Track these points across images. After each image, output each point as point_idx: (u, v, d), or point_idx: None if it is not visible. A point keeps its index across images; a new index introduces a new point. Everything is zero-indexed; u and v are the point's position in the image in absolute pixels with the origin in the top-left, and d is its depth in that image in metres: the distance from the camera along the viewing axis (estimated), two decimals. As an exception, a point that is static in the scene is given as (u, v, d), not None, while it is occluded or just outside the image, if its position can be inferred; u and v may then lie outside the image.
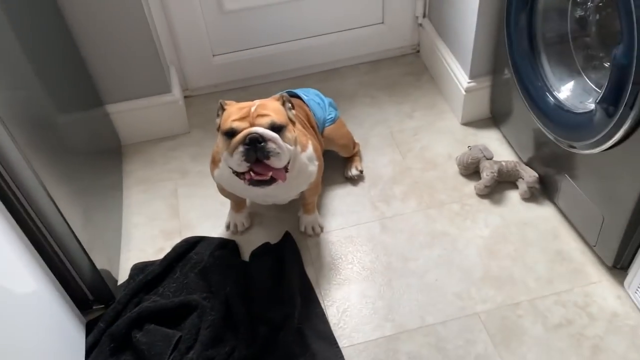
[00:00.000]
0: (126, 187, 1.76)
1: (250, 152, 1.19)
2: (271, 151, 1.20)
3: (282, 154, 1.21)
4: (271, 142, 1.20)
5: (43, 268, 1.24)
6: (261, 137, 1.19)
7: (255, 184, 1.23)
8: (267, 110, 1.24)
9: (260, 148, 1.19)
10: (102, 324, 1.36)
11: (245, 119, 1.23)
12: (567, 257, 1.47)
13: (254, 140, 1.19)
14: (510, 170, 1.62)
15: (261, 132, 1.19)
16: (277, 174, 1.23)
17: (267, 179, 1.22)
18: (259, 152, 1.19)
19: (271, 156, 1.20)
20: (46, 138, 1.26)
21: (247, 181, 1.24)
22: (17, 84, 1.17)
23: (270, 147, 1.20)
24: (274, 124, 1.22)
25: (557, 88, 1.42)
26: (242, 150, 1.20)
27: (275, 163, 1.21)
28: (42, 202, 1.18)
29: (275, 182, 1.24)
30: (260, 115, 1.23)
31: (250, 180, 1.23)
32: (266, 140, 1.19)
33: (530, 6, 1.42)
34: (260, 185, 1.23)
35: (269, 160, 1.20)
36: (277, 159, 1.21)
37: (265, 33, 1.96)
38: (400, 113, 1.93)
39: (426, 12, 2.03)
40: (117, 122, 1.83)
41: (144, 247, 1.58)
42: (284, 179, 1.25)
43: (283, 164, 1.24)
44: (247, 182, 1.24)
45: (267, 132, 1.20)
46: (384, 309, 1.40)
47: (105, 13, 1.59)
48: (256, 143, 1.19)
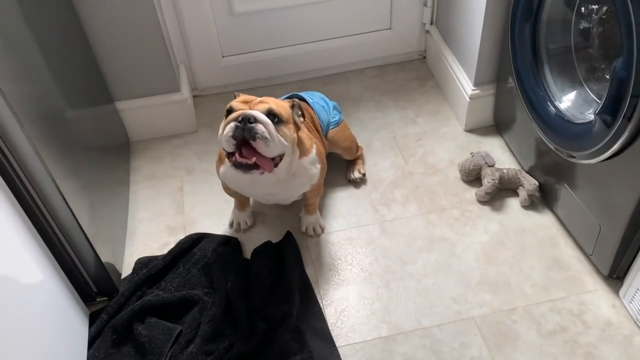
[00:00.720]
0: (133, 182, 1.79)
1: (239, 129, 1.20)
2: (259, 133, 1.20)
3: (270, 141, 1.21)
4: (261, 125, 1.21)
5: (50, 259, 1.27)
6: (253, 117, 1.20)
7: (238, 166, 1.23)
8: (270, 101, 1.28)
9: (248, 128, 1.20)
10: (105, 316, 1.39)
11: (247, 103, 1.27)
12: (563, 265, 1.49)
13: (245, 119, 1.20)
14: (512, 178, 1.64)
15: (254, 114, 1.21)
16: (262, 161, 1.23)
17: (251, 163, 1.22)
18: (246, 131, 1.20)
19: (257, 138, 1.20)
20: (57, 132, 1.29)
21: (231, 163, 1.24)
22: (31, 78, 1.21)
23: (259, 129, 1.20)
24: (271, 110, 1.24)
25: (559, 98, 1.44)
26: (233, 126, 1.21)
27: (261, 147, 1.21)
28: (50, 195, 1.21)
29: (257, 170, 1.23)
30: (262, 102, 1.26)
31: (234, 162, 1.23)
32: (257, 122, 1.21)
33: (534, 17, 1.44)
34: (242, 169, 1.23)
35: (255, 142, 1.20)
36: (264, 144, 1.21)
37: (274, 36, 2.00)
38: (404, 118, 1.95)
39: (433, 19, 2.06)
40: (126, 118, 1.87)
41: (148, 242, 1.61)
42: (270, 170, 1.25)
43: (271, 154, 1.24)
44: (232, 164, 1.24)
45: (260, 115, 1.22)
46: (381, 310, 1.42)
47: (118, 12, 1.63)
48: (247, 122, 1.20)
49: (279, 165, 1.29)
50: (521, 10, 1.46)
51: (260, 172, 1.25)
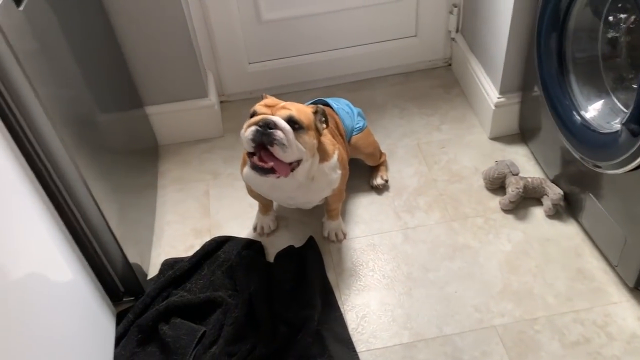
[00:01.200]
0: (161, 186, 1.84)
1: (258, 133, 1.24)
2: (277, 139, 1.24)
3: (288, 148, 1.25)
4: (280, 132, 1.24)
5: (80, 259, 1.31)
6: (274, 123, 1.24)
7: (254, 168, 1.27)
8: (292, 107, 1.30)
9: (268, 133, 1.23)
10: (131, 316, 1.43)
11: (270, 107, 1.29)
12: (588, 275, 1.47)
13: (266, 124, 1.24)
14: (536, 187, 1.63)
15: (275, 120, 1.24)
16: (279, 166, 1.26)
17: (267, 167, 1.26)
18: (265, 136, 1.24)
19: (275, 144, 1.24)
20: (88, 136, 1.33)
21: (251, 165, 1.28)
22: (64, 83, 1.25)
23: (278, 135, 1.24)
24: (291, 117, 1.27)
25: (585, 107, 1.43)
26: (253, 129, 1.25)
27: (278, 152, 1.25)
28: (82, 197, 1.25)
29: (273, 174, 1.27)
30: (284, 108, 1.29)
31: (253, 164, 1.27)
32: (277, 128, 1.24)
33: (561, 26, 1.43)
34: (259, 171, 1.27)
35: (272, 147, 1.24)
36: (281, 150, 1.24)
37: (300, 43, 2.02)
38: (428, 125, 1.95)
39: (459, 27, 2.06)
40: (155, 123, 1.91)
41: (174, 244, 1.65)
42: (286, 174, 1.28)
43: (288, 159, 1.27)
44: (251, 165, 1.28)
45: (280, 122, 1.25)
46: (402, 317, 1.43)
47: (149, 20, 1.68)
48: (267, 127, 1.24)
49: (295, 170, 1.32)
50: (548, 18, 1.45)
51: (276, 176, 1.28)
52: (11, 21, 1.01)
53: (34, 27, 1.11)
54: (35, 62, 1.09)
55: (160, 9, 1.66)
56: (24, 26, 1.07)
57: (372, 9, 1.98)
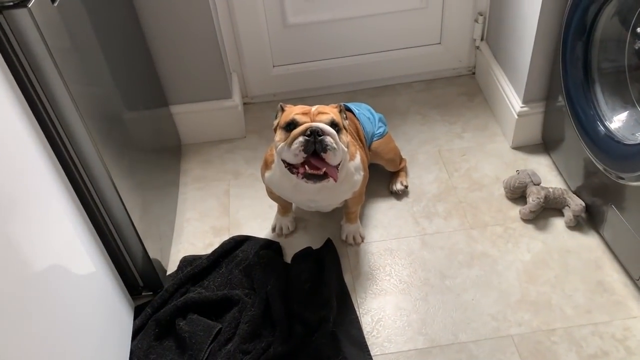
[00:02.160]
0: (182, 183, 1.86)
1: (310, 143, 1.25)
2: (329, 145, 1.25)
3: (337, 151, 1.27)
4: (329, 137, 1.26)
5: (102, 252, 1.34)
6: (321, 130, 1.25)
7: (308, 177, 1.28)
8: (327, 110, 1.32)
9: (319, 141, 1.25)
10: (150, 310, 1.45)
11: (306, 114, 1.31)
12: (608, 288, 1.45)
13: (314, 132, 1.25)
14: (557, 198, 1.62)
15: (322, 127, 1.26)
16: (330, 170, 1.28)
17: (321, 173, 1.27)
18: (317, 144, 1.25)
19: (328, 150, 1.25)
20: (115, 133, 1.36)
21: (300, 175, 1.28)
22: (94, 80, 1.28)
23: (329, 141, 1.25)
24: (333, 121, 1.30)
25: (609, 118, 1.42)
26: (302, 140, 1.25)
27: (330, 158, 1.26)
28: (107, 191, 1.28)
29: (326, 179, 1.28)
30: (322, 112, 1.31)
31: (304, 173, 1.27)
32: (325, 134, 1.25)
33: (587, 36, 1.43)
34: (313, 179, 1.28)
35: (325, 153, 1.25)
36: (333, 154, 1.26)
37: (324, 47, 2.04)
38: (450, 132, 1.95)
39: (484, 35, 2.05)
40: (180, 122, 1.95)
41: (194, 241, 1.67)
42: (336, 178, 1.29)
43: (337, 162, 1.29)
44: (301, 175, 1.28)
45: (327, 127, 1.27)
46: (417, 322, 1.43)
47: (177, 21, 1.71)
48: (316, 135, 1.25)
49: (339, 170, 1.33)
50: (574, 28, 1.45)
51: (327, 181, 1.29)
52: (46, 17, 1.04)
53: (67, 23, 1.15)
54: (68, 59, 1.13)
55: (188, 10, 1.69)
56: (58, 22, 1.11)
57: (397, 16, 1.99)
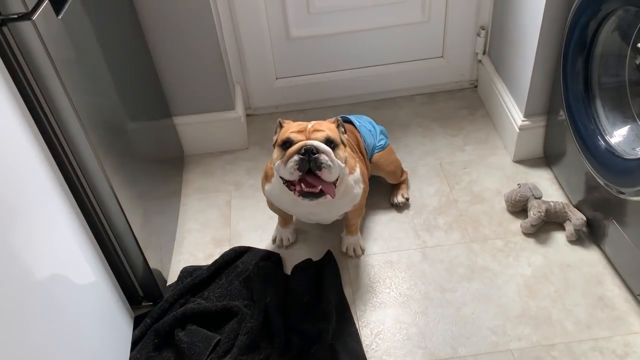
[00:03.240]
0: (184, 194, 1.87)
1: (304, 161, 1.26)
2: (323, 163, 1.26)
3: (333, 168, 1.27)
4: (324, 155, 1.27)
5: (102, 262, 1.34)
6: (315, 149, 1.26)
7: (305, 195, 1.29)
8: (323, 127, 1.33)
9: (313, 159, 1.26)
10: (149, 320, 1.45)
11: (302, 132, 1.31)
12: (609, 303, 1.44)
13: (309, 151, 1.26)
14: (558, 212, 1.62)
15: (316, 145, 1.27)
16: (326, 187, 1.28)
17: (317, 191, 1.28)
18: (312, 162, 1.26)
19: (323, 168, 1.26)
20: (117, 143, 1.37)
21: (297, 192, 1.29)
22: (97, 91, 1.30)
23: (323, 159, 1.26)
24: (328, 138, 1.30)
25: (610, 132, 1.42)
26: (297, 159, 1.26)
27: (326, 175, 1.27)
28: (108, 201, 1.29)
29: (323, 196, 1.29)
30: (317, 130, 1.31)
31: (300, 191, 1.28)
32: (320, 152, 1.26)
33: (587, 51, 1.43)
34: (309, 197, 1.29)
35: (320, 171, 1.26)
36: (328, 172, 1.27)
37: (327, 60, 2.05)
38: (452, 145, 1.96)
39: (486, 49, 2.06)
40: (182, 133, 1.96)
41: (194, 252, 1.68)
42: (333, 194, 1.30)
43: (333, 178, 1.29)
44: (297, 193, 1.29)
45: (321, 145, 1.27)
46: (417, 336, 1.42)
47: (181, 32, 1.73)
48: (310, 154, 1.26)
49: (336, 185, 1.33)
50: (574, 43, 1.45)
51: (324, 198, 1.30)
52: (50, 30, 1.06)
53: (72, 35, 1.16)
54: (71, 70, 1.14)
55: (192, 22, 1.71)
56: (62, 34, 1.12)
57: (399, 29, 2.01)
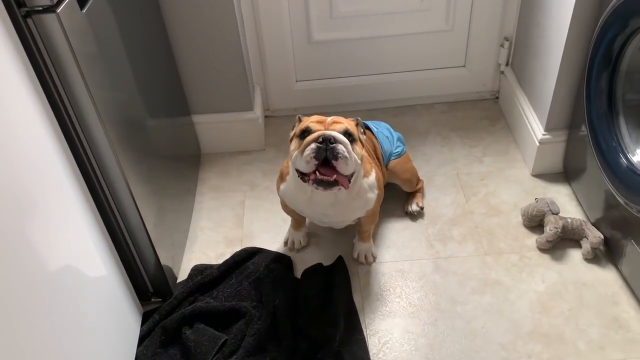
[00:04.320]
0: (199, 192, 1.88)
1: (321, 150, 1.25)
2: (340, 153, 1.25)
3: (349, 160, 1.27)
4: (341, 146, 1.26)
5: (114, 256, 1.35)
6: (333, 138, 1.26)
7: (319, 183, 1.28)
8: (342, 121, 1.33)
9: (330, 148, 1.25)
10: (157, 316, 1.46)
11: (321, 123, 1.32)
12: (624, 325, 1.41)
13: (327, 140, 1.25)
14: (575, 229, 1.59)
15: (334, 134, 1.26)
16: (341, 179, 1.28)
17: (332, 180, 1.27)
18: (329, 151, 1.25)
19: (339, 158, 1.25)
20: (135, 139, 1.38)
21: (311, 181, 1.28)
22: (118, 86, 1.31)
23: (340, 149, 1.26)
24: (347, 130, 1.30)
25: (632, 151, 1.39)
26: (314, 147, 1.26)
27: (341, 166, 1.26)
28: (123, 197, 1.30)
29: (337, 186, 1.28)
30: (336, 122, 1.32)
31: (314, 179, 1.28)
32: (337, 142, 1.26)
33: (612, 67, 1.41)
34: (323, 185, 1.28)
35: (337, 161, 1.25)
36: (344, 163, 1.26)
37: (348, 65, 2.05)
38: (470, 156, 1.94)
39: (509, 60, 2.04)
40: (200, 132, 1.97)
41: (206, 251, 1.68)
42: (347, 186, 1.30)
43: (349, 172, 1.29)
44: (312, 181, 1.28)
45: (339, 136, 1.27)
46: (425, 347, 1.41)
47: (204, 32, 1.74)
48: (328, 143, 1.25)
49: (351, 181, 1.33)
50: (600, 58, 1.43)
51: (338, 189, 1.29)
52: (74, 23, 1.07)
53: (95, 29, 1.17)
54: (93, 64, 1.15)
55: (215, 22, 1.72)
56: (86, 29, 1.13)
57: (422, 37, 1.99)
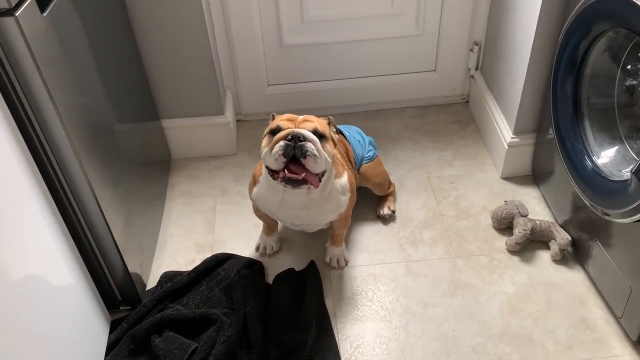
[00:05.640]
0: (169, 198, 1.85)
1: (289, 147, 1.25)
2: (309, 151, 1.25)
3: (318, 158, 1.26)
4: (310, 144, 1.25)
5: (80, 264, 1.32)
6: (302, 136, 1.25)
7: (287, 181, 1.27)
8: (313, 119, 1.32)
9: (299, 146, 1.25)
10: (126, 325, 1.43)
11: (292, 121, 1.31)
12: (591, 325, 1.44)
13: (295, 137, 1.25)
14: (544, 230, 1.61)
15: (303, 132, 1.26)
16: (310, 177, 1.27)
17: (300, 178, 1.26)
18: (297, 149, 1.25)
19: (308, 156, 1.25)
20: (102, 144, 1.35)
21: (280, 179, 1.27)
22: (83, 91, 1.28)
23: (309, 147, 1.25)
24: (316, 129, 1.29)
25: (597, 153, 1.42)
26: (283, 144, 1.25)
27: (310, 164, 1.26)
28: (87, 202, 1.27)
29: (306, 185, 1.27)
30: (307, 120, 1.31)
31: (283, 177, 1.27)
32: (306, 140, 1.25)
33: (577, 71, 1.43)
34: (291, 184, 1.27)
35: (305, 159, 1.25)
36: (313, 161, 1.26)
37: (320, 69, 2.05)
38: (441, 160, 1.95)
39: (479, 64, 2.07)
40: (170, 136, 1.94)
41: (176, 257, 1.65)
42: (317, 185, 1.29)
43: (318, 170, 1.28)
44: (280, 179, 1.27)
45: (308, 134, 1.26)
46: (397, 350, 1.41)
47: (172, 35, 1.72)
48: (297, 140, 1.25)
49: (321, 180, 1.32)
50: (564, 62, 1.45)
51: (307, 187, 1.29)
52: (34, 27, 1.04)
53: (58, 33, 1.15)
54: (56, 69, 1.12)
55: (183, 25, 1.70)
56: (47, 32, 1.10)
57: (393, 42, 2.00)
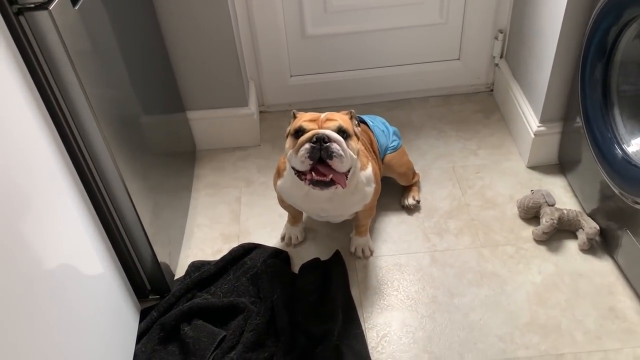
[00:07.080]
0: (195, 189, 1.87)
1: (315, 150, 1.24)
2: (335, 152, 1.25)
3: (344, 158, 1.26)
4: (335, 144, 1.25)
5: (111, 254, 1.34)
6: (327, 137, 1.25)
7: (315, 183, 1.27)
8: (335, 117, 1.32)
9: (325, 148, 1.24)
10: (155, 313, 1.45)
11: (314, 121, 1.31)
12: (620, 315, 1.42)
13: (320, 139, 1.24)
14: (571, 220, 1.59)
15: (327, 133, 1.25)
16: (337, 177, 1.27)
17: (327, 180, 1.26)
18: (323, 151, 1.24)
19: (334, 157, 1.25)
20: (130, 136, 1.37)
21: (307, 181, 1.27)
22: (112, 83, 1.30)
23: (335, 148, 1.25)
24: (340, 127, 1.29)
25: (627, 141, 1.40)
26: (308, 147, 1.25)
27: (337, 165, 1.26)
28: (118, 194, 1.29)
29: (334, 185, 1.27)
30: (329, 119, 1.31)
31: (310, 179, 1.27)
32: (331, 141, 1.25)
33: (607, 58, 1.41)
34: (319, 185, 1.27)
35: (331, 160, 1.25)
36: (339, 161, 1.25)
37: (342, 59, 2.05)
38: (465, 149, 1.94)
39: (504, 53, 2.04)
40: (195, 128, 1.96)
41: (203, 247, 1.68)
42: (344, 185, 1.29)
43: (345, 169, 1.28)
44: (308, 182, 1.27)
45: (333, 134, 1.26)
46: (423, 340, 1.41)
47: (197, 27, 1.73)
48: (322, 142, 1.24)
49: (348, 177, 1.32)
50: (594, 49, 1.43)
51: (335, 187, 1.29)
52: (66, 20, 1.06)
53: (88, 26, 1.16)
54: (86, 61, 1.14)
55: (208, 18, 1.71)
56: (79, 26, 1.12)
57: (416, 30, 1.99)
